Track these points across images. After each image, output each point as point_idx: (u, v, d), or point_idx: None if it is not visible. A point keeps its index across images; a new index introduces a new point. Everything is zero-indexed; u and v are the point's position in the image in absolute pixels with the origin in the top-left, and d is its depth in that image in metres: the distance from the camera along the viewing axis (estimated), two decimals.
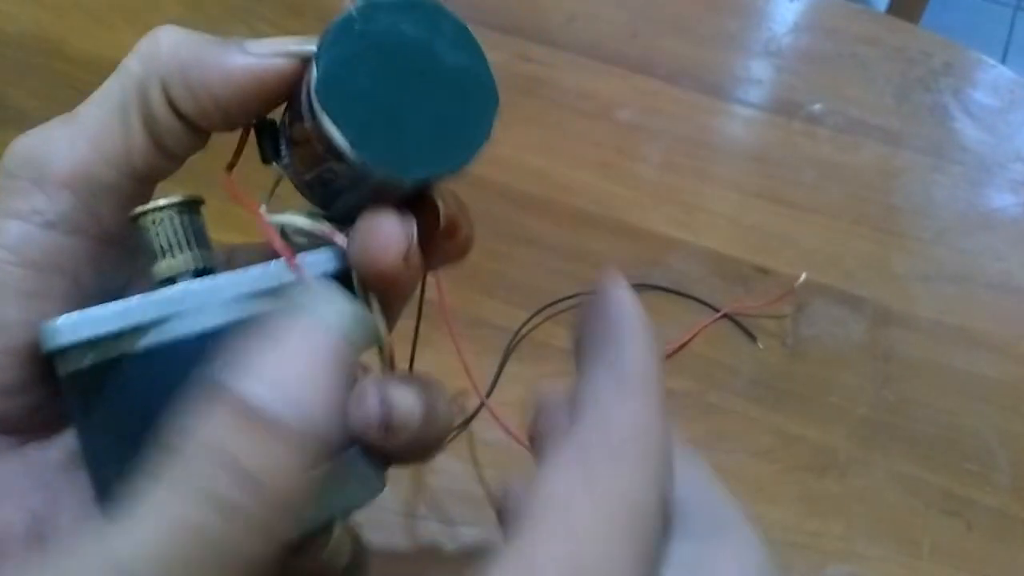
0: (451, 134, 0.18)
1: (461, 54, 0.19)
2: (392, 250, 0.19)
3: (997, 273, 0.49)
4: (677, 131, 0.55)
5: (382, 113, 0.18)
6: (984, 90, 0.58)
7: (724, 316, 0.46)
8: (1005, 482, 0.41)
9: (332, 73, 0.17)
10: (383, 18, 0.18)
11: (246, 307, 0.18)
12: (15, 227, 0.18)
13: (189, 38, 0.19)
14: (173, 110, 0.19)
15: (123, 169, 0.19)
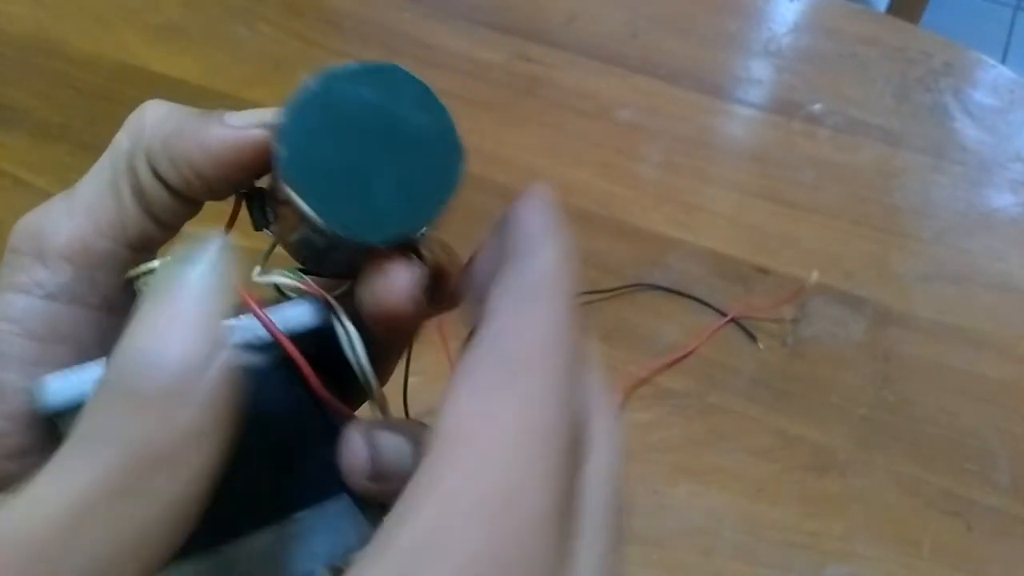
0: (418, 192, 0.19)
1: (423, 113, 0.19)
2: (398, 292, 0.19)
3: (997, 273, 0.49)
4: (677, 131, 0.55)
5: (349, 182, 0.18)
6: (984, 90, 0.58)
7: (731, 320, 0.46)
8: (1005, 482, 0.41)
9: (295, 149, 0.18)
10: (343, 87, 0.18)
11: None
12: (19, 300, 0.20)
13: (172, 112, 0.20)
14: (160, 181, 0.20)
15: (118, 239, 0.20)
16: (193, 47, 0.58)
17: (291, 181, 0.18)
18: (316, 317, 0.20)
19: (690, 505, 0.39)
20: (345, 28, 0.60)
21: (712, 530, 0.39)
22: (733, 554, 0.38)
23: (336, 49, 0.58)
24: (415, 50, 0.58)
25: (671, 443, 0.41)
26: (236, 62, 0.57)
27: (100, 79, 0.55)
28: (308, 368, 0.19)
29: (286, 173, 0.18)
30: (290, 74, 0.57)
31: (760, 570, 0.38)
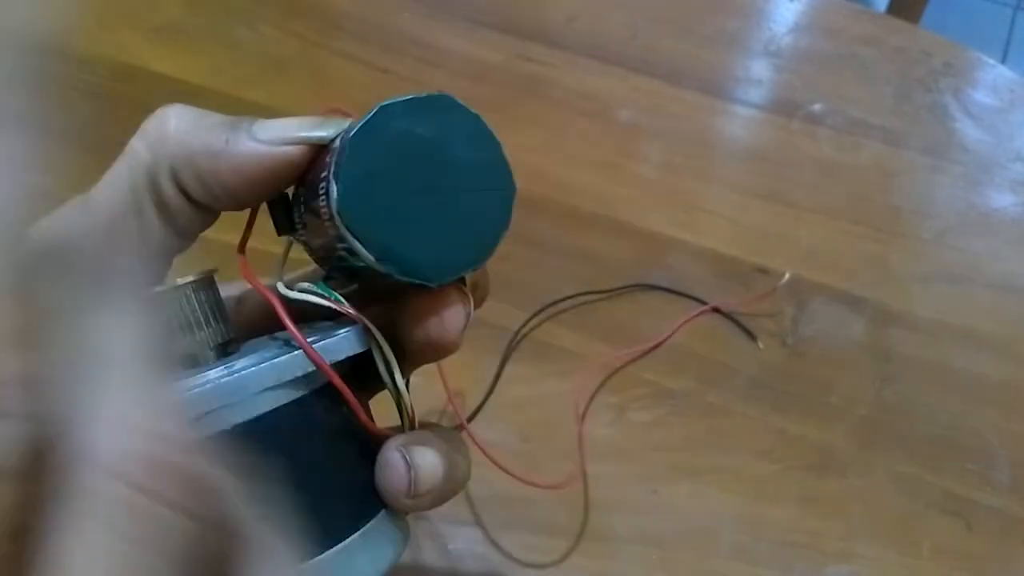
0: (471, 230, 0.19)
1: (476, 148, 0.19)
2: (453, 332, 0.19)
3: (997, 273, 0.49)
4: (677, 131, 0.55)
5: (403, 222, 0.18)
6: (984, 90, 0.58)
7: (715, 310, 0.46)
8: (1005, 482, 0.41)
9: (352, 190, 0.18)
10: (397, 123, 0.18)
11: (272, 398, 0.19)
12: None
13: (196, 123, 0.19)
14: (184, 196, 0.19)
15: (139, 253, 0.20)
16: (193, 47, 0.58)
17: (348, 223, 0.18)
18: (359, 344, 0.20)
19: (690, 505, 0.39)
20: (346, 28, 0.60)
21: (712, 530, 0.39)
22: (733, 554, 0.38)
23: (336, 49, 0.58)
24: (415, 50, 0.58)
25: (671, 443, 0.41)
26: (236, 62, 0.57)
27: (100, 79, 0.56)
28: (355, 402, 0.20)
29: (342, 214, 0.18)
30: (290, 74, 0.57)
31: (760, 570, 0.38)
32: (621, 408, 0.42)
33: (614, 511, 0.39)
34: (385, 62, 0.57)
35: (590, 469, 0.40)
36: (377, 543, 0.20)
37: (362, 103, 0.59)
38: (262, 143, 0.18)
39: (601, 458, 0.40)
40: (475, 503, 0.38)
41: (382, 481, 0.20)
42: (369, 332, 0.20)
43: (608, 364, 0.43)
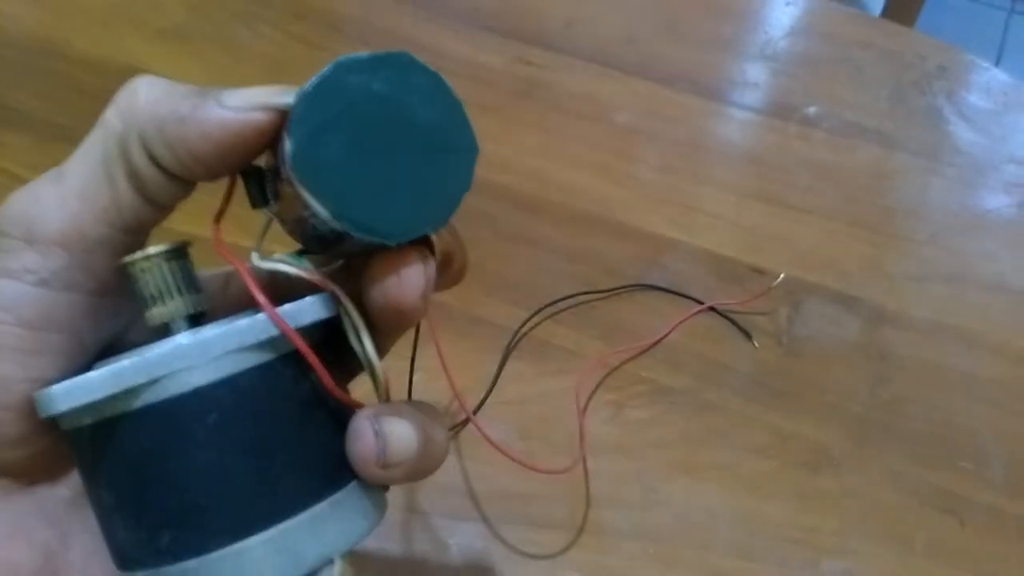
0: (432, 191, 0.19)
1: (436, 106, 0.18)
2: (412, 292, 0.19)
3: (990, 274, 0.49)
4: (674, 134, 0.56)
5: (361, 179, 0.18)
6: (978, 93, 0.59)
7: (710, 309, 0.46)
8: (998, 480, 0.41)
9: (306, 145, 0.17)
10: (354, 79, 0.18)
11: (234, 361, 0.19)
12: (8, 287, 0.19)
13: (166, 92, 0.19)
14: (155, 164, 0.19)
15: (113, 223, 0.19)
16: (196, 50, 0.58)
17: (302, 178, 0.17)
18: (325, 310, 0.20)
19: (687, 502, 0.40)
20: (346, 31, 0.61)
21: (708, 526, 0.39)
22: (729, 550, 0.38)
23: (338, 52, 0.59)
24: (416, 53, 0.59)
25: (668, 440, 0.42)
26: (238, 65, 0.57)
27: (103, 81, 0.56)
28: (321, 366, 0.19)
29: (296, 170, 0.17)
30: (292, 77, 0.57)
31: (756, 565, 0.38)
32: (619, 405, 0.43)
33: (612, 507, 0.39)
34: None
35: (589, 466, 0.40)
36: (347, 514, 0.20)
37: None
38: (229, 109, 0.18)
39: (599, 455, 0.41)
40: (474, 498, 0.39)
41: (351, 450, 0.20)
42: (336, 298, 0.20)
43: (607, 361, 0.44)
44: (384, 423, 0.20)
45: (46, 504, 0.21)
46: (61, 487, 0.21)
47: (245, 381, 0.19)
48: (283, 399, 0.19)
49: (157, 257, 0.19)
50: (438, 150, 0.19)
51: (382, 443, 0.20)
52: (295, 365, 0.19)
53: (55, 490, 0.21)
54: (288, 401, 0.19)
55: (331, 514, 0.20)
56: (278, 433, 0.19)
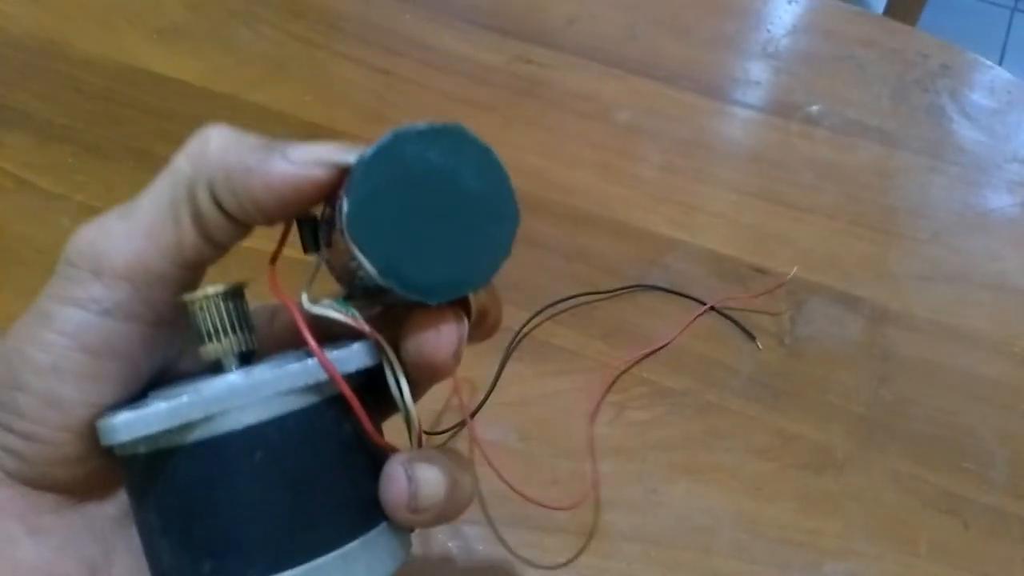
0: (474, 255, 0.20)
1: (485, 178, 0.20)
2: (446, 350, 0.20)
3: (993, 273, 0.49)
4: (676, 132, 0.55)
5: (409, 241, 0.19)
6: (981, 91, 0.59)
7: (712, 309, 0.46)
8: (1002, 481, 0.41)
9: (361, 207, 0.19)
10: (410, 148, 0.19)
11: (285, 403, 0.20)
12: (74, 314, 0.20)
13: (236, 142, 0.20)
14: (219, 209, 0.20)
15: (175, 260, 0.21)
16: (195, 49, 0.58)
17: (355, 237, 0.19)
18: (369, 358, 0.21)
19: (688, 503, 0.40)
20: (346, 30, 0.60)
21: (710, 528, 0.39)
22: (731, 552, 0.38)
23: (337, 51, 0.59)
24: (416, 52, 0.59)
25: (669, 442, 0.42)
26: (238, 64, 0.57)
27: (103, 80, 0.56)
28: (363, 413, 0.20)
29: (350, 229, 0.19)
30: (292, 76, 0.57)
31: (758, 568, 0.38)
32: (620, 407, 0.42)
33: (613, 509, 0.39)
34: (386, 63, 0.58)
35: (588, 466, 0.40)
36: (375, 554, 0.21)
37: (363, 104, 0.60)
38: (293, 163, 0.20)
39: (600, 457, 0.41)
40: (478, 500, 0.39)
41: (384, 493, 0.21)
42: (381, 347, 0.21)
43: (615, 367, 0.44)
44: (417, 469, 0.21)
45: (94, 521, 0.22)
46: (108, 505, 0.23)
47: (292, 422, 0.20)
48: (325, 441, 0.20)
49: (216, 296, 0.21)
50: (483, 217, 0.20)
51: (414, 488, 0.21)
52: (338, 408, 0.21)
53: (103, 508, 0.23)
54: (329, 442, 0.21)
55: (361, 553, 0.21)
56: (318, 473, 0.20)
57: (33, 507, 0.21)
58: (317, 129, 0.54)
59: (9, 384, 0.20)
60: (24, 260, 0.47)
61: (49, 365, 0.20)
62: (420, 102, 0.55)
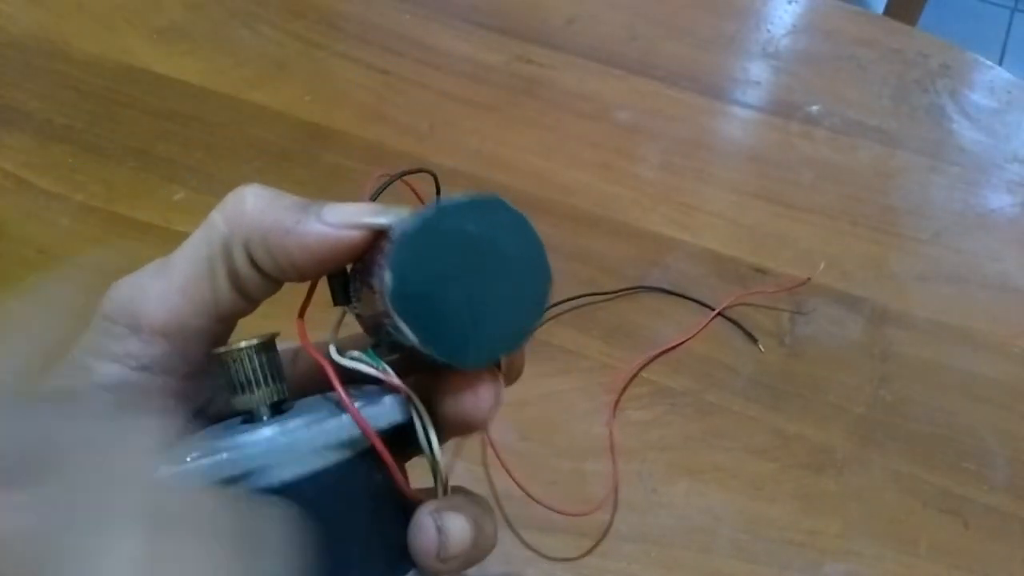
0: (510, 319, 0.21)
1: (520, 245, 0.21)
2: (484, 410, 0.21)
3: (994, 273, 0.49)
4: (676, 132, 0.55)
5: (449, 311, 0.20)
6: (981, 91, 0.59)
7: (719, 315, 0.46)
8: (1002, 480, 0.41)
9: (405, 280, 0.19)
10: (450, 220, 0.20)
11: (319, 458, 0.20)
12: (112, 370, 0.21)
13: (271, 203, 0.21)
14: (254, 266, 0.21)
15: (210, 315, 0.21)
16: (195, 49, 0.58)
17: (398, 309, 0.19)
18: (400, 414, 0.21)
19: (688, 503, 0.39)
20: (346, 30, 0.60)
21: (710, 528, 0.39)
22: (731, 552, 0.38)
23: (337, 51, 0.59)
24: (416, 52, 0.59)
25: (669, 442, 0.42)
26: (238, 64, 0.57)
27: (102, 80, 0.56)
28: (394, 465, 0.21)
29: (394, 302, 0.19)
30: (291, 75, 0.57)
31: (758, 568, 0.38)
32: (621, 407, 0.42)
33: (613, 509, 0.39)
34: (385, 63, 0.58)
35: (588, 467, 0.40)
36: None
37: (362, 103, 0.59)
38: (328, 225, 0.20)
39: (600, 456, 0.41)
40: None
41: (414, 543, 0.21)
42: (411, 402, 0.21)
43: (608, 364, 0.44)
44: (445, 519, 0.22)
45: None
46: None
47: (326, 477, 0.20)
48: (357, 493, 0.21)
49: (249, 349, 0.21)
50: (518, 282, 0.21)
51: (443, 538, 0.21)
52: (370, 461, 0.21)
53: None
54: (361, 494, 0.21)
55: None
56: (351, 525, 0.21)
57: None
58: (316, 128, 0.54)
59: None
60: (24, 259, 0.47)
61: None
62: (420, 102, 0.55)
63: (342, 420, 0.20)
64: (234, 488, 0.20)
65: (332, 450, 0.20)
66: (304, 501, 0.20)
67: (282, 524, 0.18)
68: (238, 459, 0.19)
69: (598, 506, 0.39)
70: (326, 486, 0.20)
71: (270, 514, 0.18)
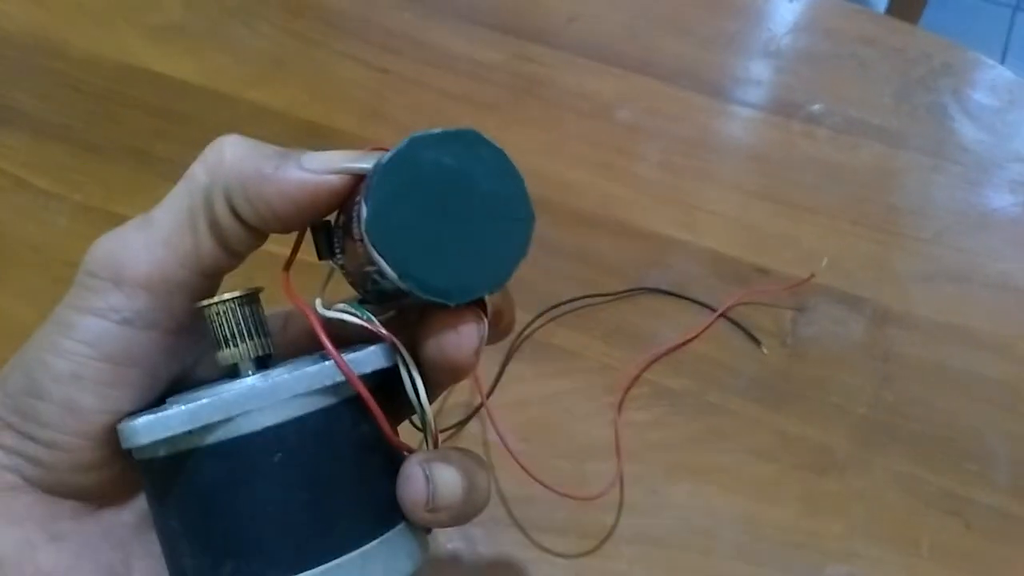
0: (491, 256, 0.20)
1: (499, 180, 0.20)
2: (467, 349, 0.20)
3: (996, 273, 0.49)
4: (677, 131, 0.55)
5: (427, 244, 0.19)
6: (983, 90, 0.59)
7: (722, 315, 0.46)
8: (1004, 481, 0.41)
9: (380, 212, 0.19)
10: (426, 153, 0.19)
11: (303, 404, 0.20)
12: (94, 324, 0.20)
13: (251, 151, 0.21)
14: (235, 217, 0.21)
15: (193, 268, 0.21)
16: (194, 47, 0.58)
17: (374, 242, 0.19)
18: (385, 360, 0.21)
19: (689, 505, 0.39)
20: (345, 28, 0.60)
21: (711, 530, 0.39)
22: (732, 553, 0.38)
23: (336, 49, 0.58)
24: (415, 50, 0.58)
25: (670, 442, 0.41)
26: (237, 62, 0.57)
27: (101, 79, 0.56)
28: (380, 412, 0.21)
29: (370, 233, 0.19)
30: (290, 74, 0.57)
31: (759, 570, 0.38)
32: (621, 408, 0.42)
33: (613, 510, 0.39)
34: (385, 62, 0.58)
35: (588, 467, 0.40)
36: (394, 554, 0.21)
37: (361, 102, 0.59)
38: (308, 171, 0.20)
39: (600, 457, 0.40)
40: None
41: (402, 493, 0.21)
42: (396, 349, 0.21)
43: (609, 365, 0.44)
44: (435, 469, 0.21)
45: (112, 527, 0.23)
46: (126, 512, 0.23)
47: (310, 423, 0.20)
48: (342, 442, 0.21)
49: (232, 302, 0.21)
50: (499, 219, 0.20)
51: (432, 487, 0.21)
52: (355, 410, 0.21)
53: (120, 515, 0.23)
54: (347, 444, 0.21)
55: (380, 553, 0.21)
56: (337, 474, 0.20)
57: (52, 513, 0.21)
58: (316, 127, 0.53)
59: (29, 392, 0.20)
60: (22, 259, 0.47)
61: (69, 373, 0.20)
62: (419, 101, 0.55)
63: (324, 365, 0.20)
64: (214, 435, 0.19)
65: (316, 396, 0.20)
66: (287, 448, 0.20)
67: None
68: (217, 404, 0.19)
69: (605, 491, 0.39)
70: (310, 433, 0.20)
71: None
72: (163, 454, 0.20)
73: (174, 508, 0.20)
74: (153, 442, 0.19)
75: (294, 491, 0.20)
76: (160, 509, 0.21)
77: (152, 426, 0.19)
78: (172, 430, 0.19)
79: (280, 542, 0.20)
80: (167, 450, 0.20)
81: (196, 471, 0.20)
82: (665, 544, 0.38)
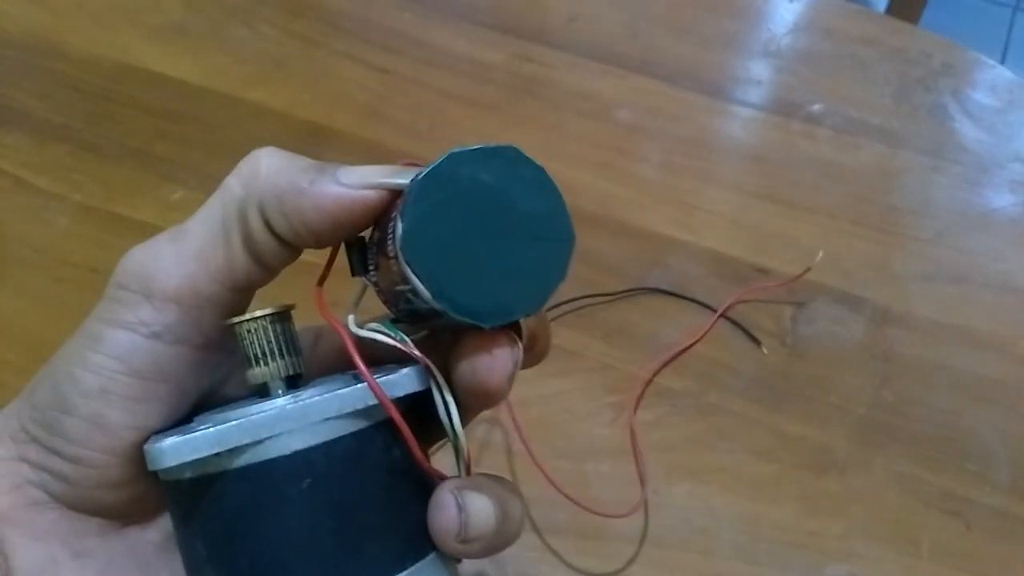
0: (528, 277, 0.19)
1: (538, 198, 0.20)
2: (500, 374, 0.20)
3: (996, 273, 0.49)
4: (677, 131, 0.55)
5: (463, 264, 0.19)
6: (983, 90, 0.59)
7: (722, 316, 0.46)
8: (1004, 482, 0.41)
9: (416, 228, 0.18)
10: (464, 169, 0.19)
11: (333, 428, 0.19)
12: (123, 337, 0.20)
13: (286, 164, 0.20)
14: (270, 230, 0.20)
15: (225, 283, 0.21)
16: (194, 47, 0.58)
17: (409, 259, 0.18)
18: (418, 383, 0.20)
19: (690, 505, 0.39)
20: (345, 28, 0.60)
21: (711, 530, 0.39)
22: (732, 554, 0.38)
23: (337, 49, 0.58)
24: (415, 50, 0.58)
25: (671, 443, 0.41)
26: (237, 62, 0.57)
27: (101, 79, 0.56)
28: (413, 438, 0.20)
29: (405, 250, 0.18)
30: (291, 74, 0.57)
31: (759, 570, 0.38)
32: (621, 408, 0.42)
33: (614, 510, 0.39)
34: (385, 62, 0.58)
35: (589, 468, 0.40)
36: None
37: (362, 102, 0.59)
38: (344, 186, 0.20)
39: (600, 457, 0.40)
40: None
41: (433, 522, 0.20)
42: (430, 372, 0.20)
43: (609, 365, 0.44)
44: (467, 497, 0.21)
45: (137, 546, 0.22)
46: (151, 531, 0.23)
47: (340, 447, 0.20)
48: (373, 467, 0.20)
49: (263, 320, 0.21)
50: (537, 239, 0.19)
51: (465, 517, 0.20)
52: (387, 434, 0.20)
53: (145, 533, 0.22)
54: (377, 469, 0.20)
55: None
56: (366, 500, 0.20)
57: (77, 531, 0.21)
58: (316, 127, 0.53)
59: (57, 407, 0.20)
60: (22, 259, 0.47)
61: (97, 388, 0.20)
62: (419, 101, 0.55)
63: (356, 388, 0.20)
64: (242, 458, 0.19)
65: (347, 420, 0.20)
66: (316, 473, 0.19)
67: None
68: (247, 426, 0.19)
69: (634, 508, 0.39)
70: (340, 457, 0.19)
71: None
72: (189, 476, 0.19)
73: (199, 530, 0.20)
74: (180, 464, 0.19)
75: (322, 517, 0.19)
76: (185, 531, 0.20)
77: (179, 448, 0.19)
78: (199, 452, 0.19)
79: (307, 569, 0.19)
80: (193, 472, 0.19)
81: (223, 494, 0.19)
82: (665, 544, 0.38)
